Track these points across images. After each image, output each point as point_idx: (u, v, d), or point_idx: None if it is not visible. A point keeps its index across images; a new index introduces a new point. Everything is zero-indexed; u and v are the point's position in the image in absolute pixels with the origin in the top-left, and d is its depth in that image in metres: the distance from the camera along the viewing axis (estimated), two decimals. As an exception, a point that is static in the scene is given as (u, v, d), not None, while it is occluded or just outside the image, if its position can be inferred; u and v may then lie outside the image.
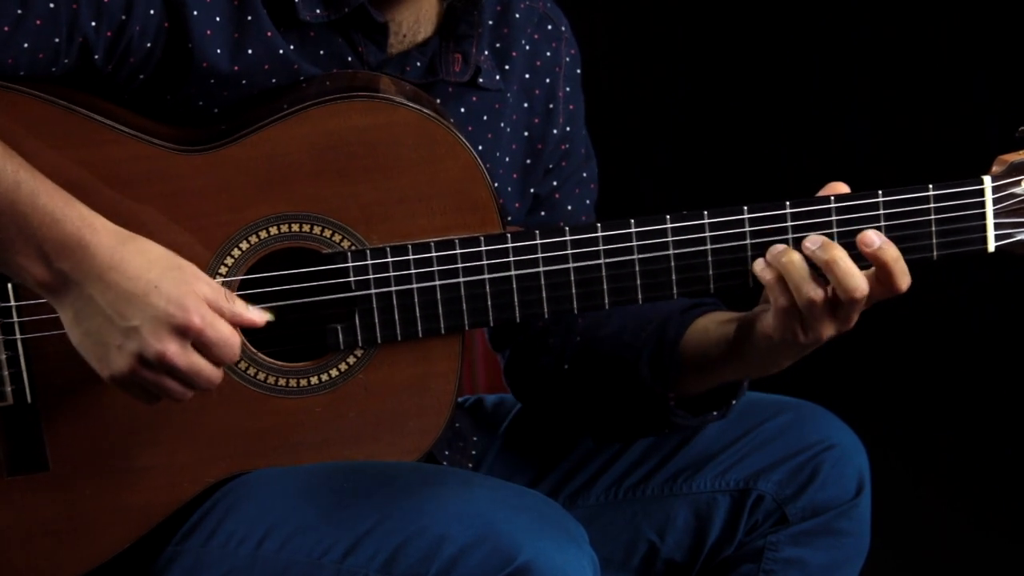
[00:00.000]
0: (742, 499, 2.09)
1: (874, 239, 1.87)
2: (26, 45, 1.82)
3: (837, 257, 1.86)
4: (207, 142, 1.87)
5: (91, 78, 1.88)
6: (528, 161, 2.11)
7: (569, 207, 2.15)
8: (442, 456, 2.06)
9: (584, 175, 2.18)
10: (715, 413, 2.05)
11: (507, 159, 2.07)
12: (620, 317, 2.07)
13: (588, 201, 2.18)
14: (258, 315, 1.86)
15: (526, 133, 2.10)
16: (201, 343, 1.80)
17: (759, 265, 1.89)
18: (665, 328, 2.02)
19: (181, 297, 1.78)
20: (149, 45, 1.88)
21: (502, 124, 2.07)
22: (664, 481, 2.12)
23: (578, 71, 2.17)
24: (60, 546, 1.92)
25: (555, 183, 2.15)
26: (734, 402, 2.05)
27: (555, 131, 2.12)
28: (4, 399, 1.88)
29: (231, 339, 1.81)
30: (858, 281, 1.86)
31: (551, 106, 2.12)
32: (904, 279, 1.88)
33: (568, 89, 2.15)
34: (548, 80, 2.12)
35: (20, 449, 1.90)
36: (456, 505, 1.80)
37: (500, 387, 2.24)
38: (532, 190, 2.12)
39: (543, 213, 2.14)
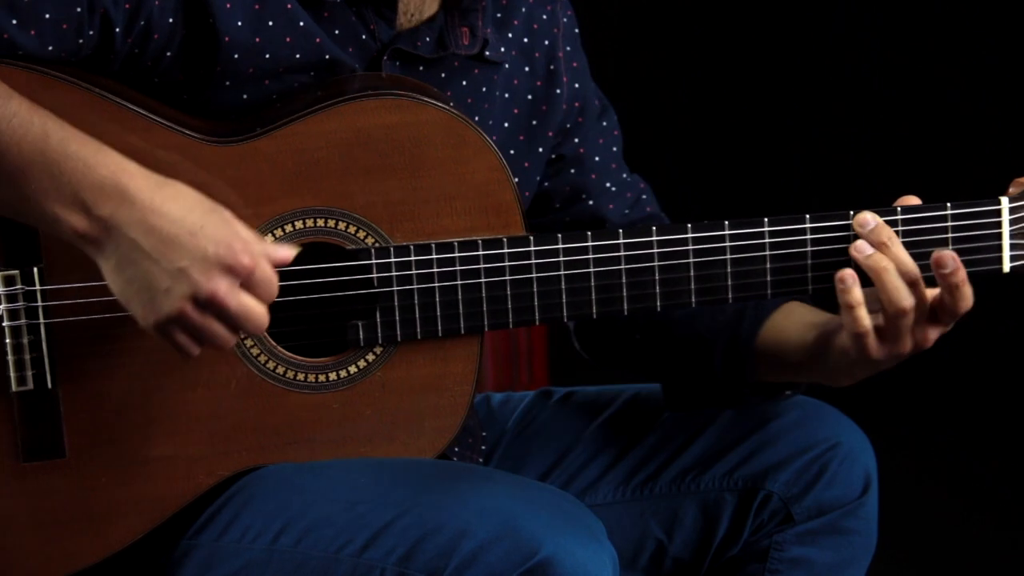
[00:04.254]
0: (749, 498, 2.10)
1: (949, 262, 1.90)
2: (48, 16, 1.82)
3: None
4: (237, 134, 1.89)
5: (117, 59, 1.88)
6: (533, 122, 2.13)
7: (597, 158, 2.17)
8: (452, 453, 2.07)
9: (604, 124, 2.20)
10: (788, 392, 2.08)
11: (505, 124, 2.08)
12: None
13: (615, 148, 2.19)
14: (286, 251, 1.84)
15: (529, 96, 2.12)
16: (250, 283, 1.79)
17: (844, 283, 1.89)
18: (740, 321, 2.04)
19: (228, 238, 1.77)
20: (171, 21, 1.89)
21: (498, 92, 2.09)
22: (672, 479, 2.14)
23: (576, 30, 2.20)
24: (74, 534, 1.92)
25: (577, 140, 2.16)
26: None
27: (558, 91, 2.14)
28: (25, 383, 1.88)
29: (273, 278, 1.81)
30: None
31: (552, 67, 2.14)
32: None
33: (568, 48, 2.17)
34: (547, 42, 2.14)
35: (38, 435, 1.90)
36: (476, 500, 1.81)
37: (507, 385, 2.26)
38: (541, 150, 2.13)
39: (572, 171, 2.16)
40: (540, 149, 2.13)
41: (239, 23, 1.90)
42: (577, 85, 2.16)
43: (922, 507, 3.71)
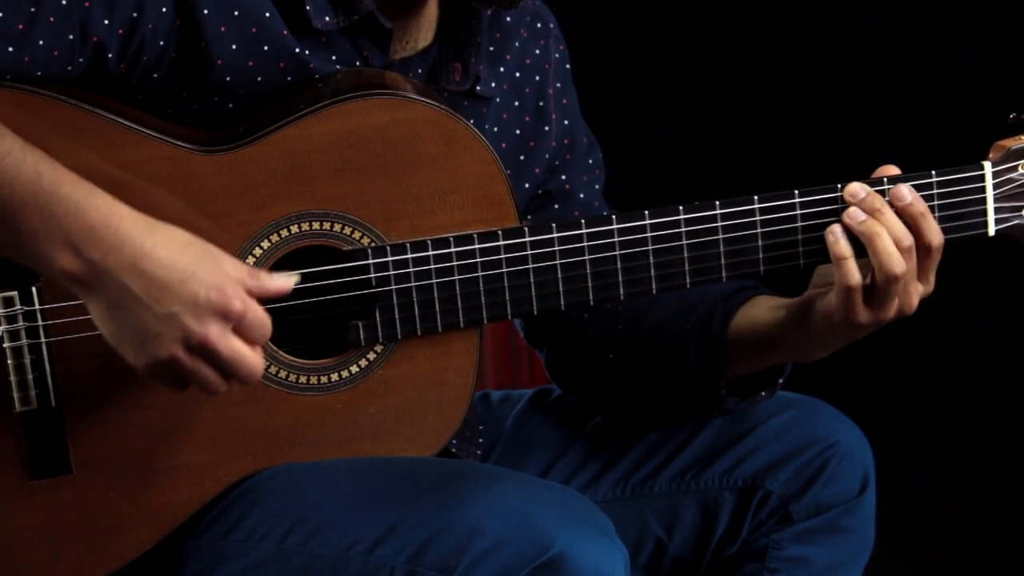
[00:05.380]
0: (748, 497, 2.10)
1: (906, 193, 1.92)
2: (41, 43, 1.81)
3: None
4: (227, 142, 1.89)
5: (104, 80, 1.88)
6: (521, 158, 2.13)
7: (581, 195, 2.18)
8: (450, 445, 2.08)
9: (590, 162, 2.21)
10: (763, 393, 2.07)
11: None
12: (662, 307, 2.10)
13: (597, 187, 2.21)
14: (283, 281, 1.84)
15: (517, 131, 2.13)
16: (242, 326, 1.79)
17: (835, 235, 1.92)
18: (710, 317, 2.04)
19: (220, 282, 1.77)
20: (162, 44, 1.88)
21: (487, 126, 2.09)
22: (672, 477, 2.14)
23: (567, 66, 2.20)
24: (83, 549, 1.92)
25: (563, 177, 2.18)
26: (780, 380, 2.07)
27: (546, 128, 2.15)
28: (29, 403, 1.88)
29: (265, 320, 1.81)
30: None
31: (541, 103, 2.15)
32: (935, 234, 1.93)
33: (559, 85, 2.18)
34: (538, 78, 2.15)
35: (44, 453, 1.90)
36: (487, 498, 1.81)
37: (507, 383, 2.26)
38: (527, 185, 2.14)
39: (556, 206, 2.17)
40: (526, 185, 2.14)
41: (234, 47, 1.89)
42: (566, 122, 2.17)
43: (919, 506, 3.71)
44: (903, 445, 3.96)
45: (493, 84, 2.09)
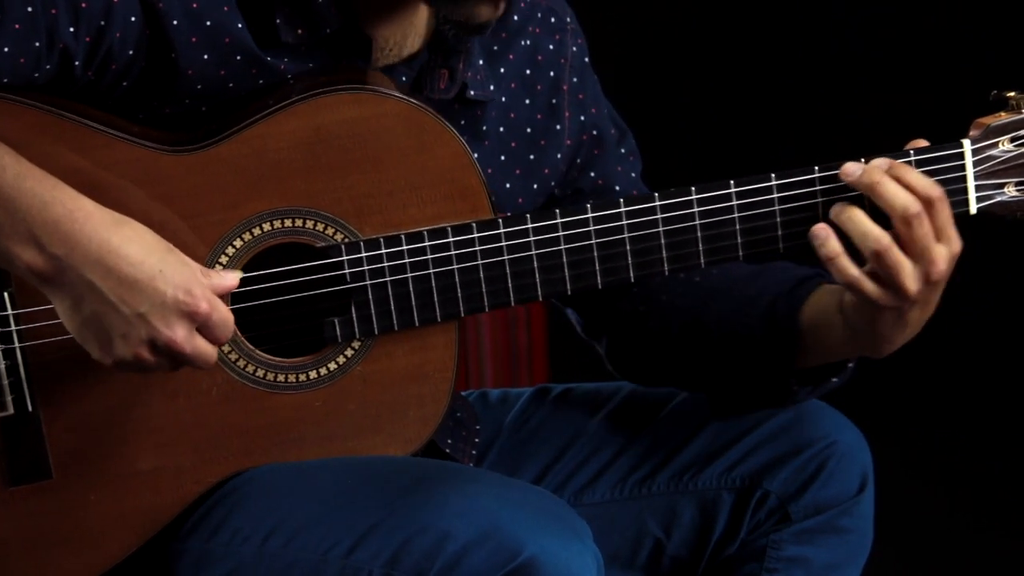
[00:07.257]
0: (746, 497, 2.08)
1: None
2: (6, 49, 1.81)
3: (878, 181, 1.87)
4: (196, 142, 1.88)
5: (72, 87, 1.87)
6: (531, 157, 2.10)
7: (617, 187, 2.14)
8: (445, 445, 2.07)
9: (622, 151, 2.17)
10: (835, 380, 2.04)
11: (502, 158, 2.06)
12: (723, 299, 2.06)
13: (634, 174, 2.17)
14: (231, 277, 1.85)
15: (528, 129, 2.10)
16: (207, 325, 1.80)
17: (819, 237, 1.89)
18: (774, 313, 2.01)
19: (187, 282, 1.77)
20: (131, 53, 1.87)
21: (486, 127, 2.06)
22: (670, 477, 2.12)
23: (586, 59, 2.16)
24: (66, 554, 1.92)
25: (594, 174, 2.14)
26: (850, 365, 2.03)
27: (558, 127, 2.11)
28: (5, 409, 1.88)
29: (230, 318, 1.82)
30: (905, 199, 1.86)
31: (554, 101, 2.11)
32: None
33: (575, 80, 2.13)
34: (552, 73, 2.11)
35: (23, 458, 1.89)
36: (460, 501, 1.80)
37: (506, 382, 2.24)
38: (535, 186, 2.11)
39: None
40: (535, 185, 2.10)
41: (205, 56, 1.88)
42: (583, 117, 2.13)
43: (918, 506, 3.67)
44: (902, 445, 3.93)
45: (492, 86, 2.06)
